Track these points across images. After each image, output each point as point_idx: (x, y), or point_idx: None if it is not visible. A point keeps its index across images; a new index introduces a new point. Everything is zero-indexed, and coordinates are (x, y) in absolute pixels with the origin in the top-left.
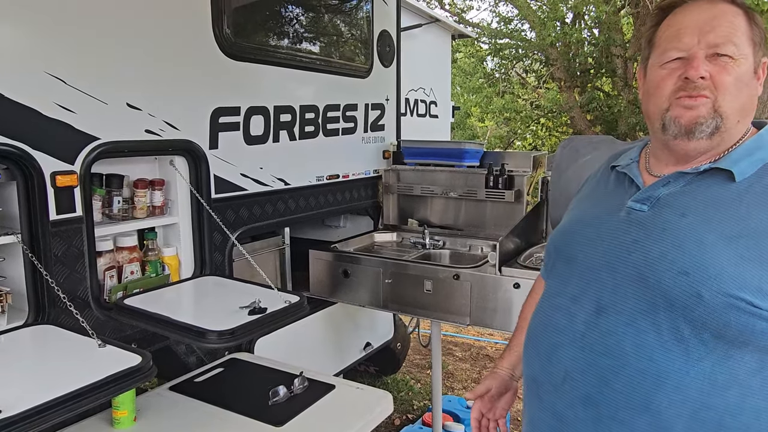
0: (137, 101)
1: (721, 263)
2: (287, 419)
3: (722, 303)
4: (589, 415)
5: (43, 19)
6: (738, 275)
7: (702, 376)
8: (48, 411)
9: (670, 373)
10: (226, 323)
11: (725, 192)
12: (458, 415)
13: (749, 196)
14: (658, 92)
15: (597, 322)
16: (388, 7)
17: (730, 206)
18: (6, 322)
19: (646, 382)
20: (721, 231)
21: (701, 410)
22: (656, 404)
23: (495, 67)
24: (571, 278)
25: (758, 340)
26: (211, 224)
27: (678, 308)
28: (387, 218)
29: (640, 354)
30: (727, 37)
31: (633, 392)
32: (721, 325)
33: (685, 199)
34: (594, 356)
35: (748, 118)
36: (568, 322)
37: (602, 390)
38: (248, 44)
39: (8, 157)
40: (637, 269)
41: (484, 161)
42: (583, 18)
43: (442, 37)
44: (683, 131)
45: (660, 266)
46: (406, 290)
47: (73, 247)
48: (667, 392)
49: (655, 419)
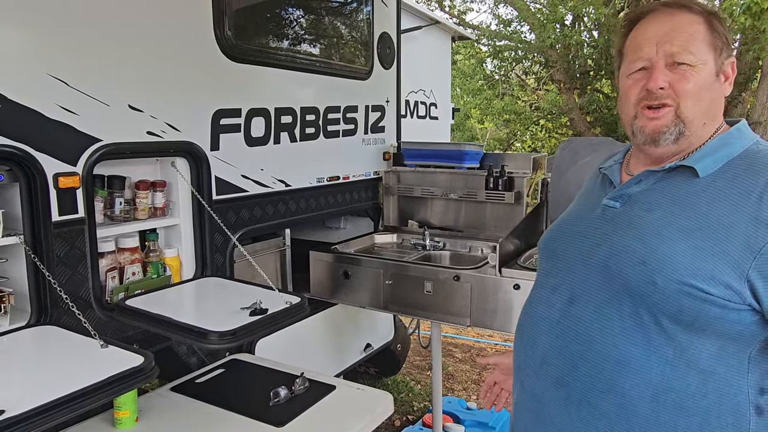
0: (139, 103)
1: (676, 254)
2: (288, 420)
3: (675, 290)
4: (561, 396)
5: (45, 22)
6: (691, 265)
7: (664, 361)
8: (50, 411)
9: (632, 358)
10: (228, 324)
11: (689, 188)
12: (458, 416)
13: (710, 191)
14: (626, 101)
15: (569, 311)
16: (388, 10)
17: (691, 201)
18: (8, 323)
19: (609, 365)
20: (680, 224)
21: (663, 393)
22: (620, 386)
23: (494, 68)
24: (552, 271)
25: (715, 327)
26: (212, 225)
27: (637, 296)
28: (387, 220)
29: (604, 339)
30: (684, 46)
31: (598, 375)
32: (676, 310)
33: (653, 195)
34: (566, 342)
35: (716, 119)
36: (547, 312)
37: (572, 373)
38: (249, 46)
39: (11, 158)
40: (603, 261)
41: (484, 163)
42: (583, 20)
43: (442, 39)
44: (649, 139)
45: (622, 257)
46: (407, 291)
47: (75, 248)
48: (630, 375)
49: (620, 400)
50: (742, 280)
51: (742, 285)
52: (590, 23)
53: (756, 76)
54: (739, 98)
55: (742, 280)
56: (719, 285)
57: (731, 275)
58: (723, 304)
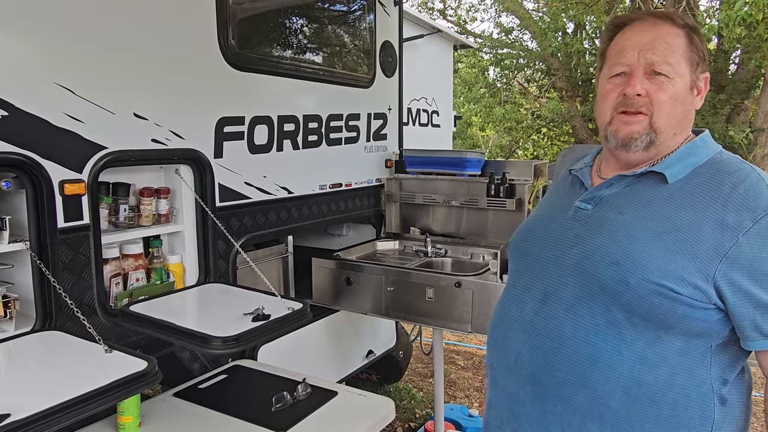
0: (144, 111)
1: (648, 255)
2: (290, 425)
3: (647, 289)
4: (536, 392)
5: (52, 31)
6: (662, 266)
7: (634, 356)
8: (54, 415)
9: (604, 353)
10: (230, 330)
11: (658, 193)
12: (460, 423)
13: (679, 196)
14: (603, 105)
15: (543, 309)
16: (391, 18)
17: (661, 205)
18: (14, 328)
19: (582, 361)
20: (651, 227)
21: (634, 387)
22: (592, 381)
23: (496, 76)
24: (524, 271)
25: (682, 324)
26: (215, 232)
27: (609, 294)
28: (389, 226)
29: (577, 336)
30: (664, 57)
31: (572, 371)
32: (647, 308)
33: (624, 199)
34: (539, 339)
35: (685, 130)
36: (519, 310)
37: (546, 369)
38: (253, 55)
39: (18, 165)
40: (577, 260)
41: (485, 170)
42: (584, 28)
43: (444, 47)
44: (620, 144)
45: (596, 257)
46: (408, 298)
47: (80, 254)
48: (602, 370)
49: (593, 395)
50: (709, 282)
51: (708, 286)
52: (592, 31)
53: (758, 84)
54: (741, 106)
55: (709, 282)
56: (688, 285)
57: (699, 277)
58: (690, 303)
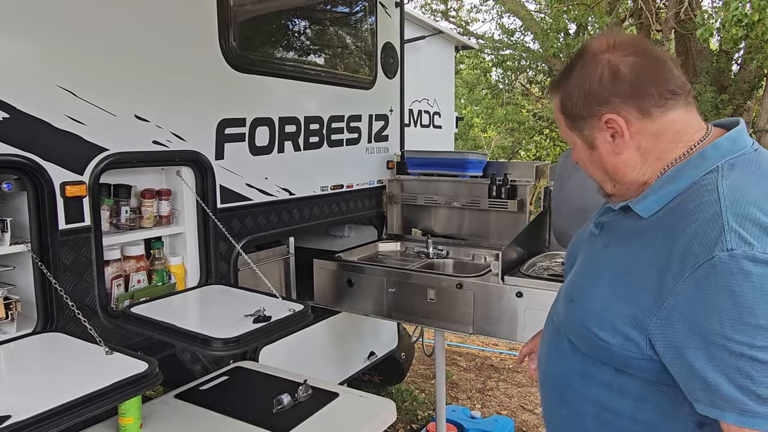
0: (145, 113)
1: (594, 299)
2: (291, 427)
3: (581, 332)
4: (544, 397)
5: (54, 33)
6: (600, 312)
7: (600, 384)
8: (55, 417)
9: (573, 377)
10: (231, 331)
11: (634, 227)
12: (462, 425)
13: (648, 232)
14: None
15: (549, 332)
16: (392, 20)
17: (630, 242)
18: (15, 330)
19: (559, 381)
20: (614, 267)
21: (602, 411)
22: (569, 400)
23: (498, 78)
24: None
25: (630, 368)
26: (216, 234)
27: (564, 328)
28: (391, 228)
29: (554, 359)
30: (562, 134)
31: (555, 387)
32: (588, 348)
33: (613, 230)
34: (544, 359)
35: (656, 162)
36: (545, 329)
37: (544, 381)
38: (254, 57)
39: (19, 167)
40: (565, 288)
41: (487, 171)
42: (586, 29)
43: (446, 48)
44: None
45: (568, 290)
46: (410, 299)
47: (81, 256)
48: (573, 392)
49: (571, 412)
50: (643, 334)
51: (642, 338)
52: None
53: (761, 85)
54: (744, 107)
55: (642, 334)
56: (618, 336)
57: (633, 326)
58: (622, 353)
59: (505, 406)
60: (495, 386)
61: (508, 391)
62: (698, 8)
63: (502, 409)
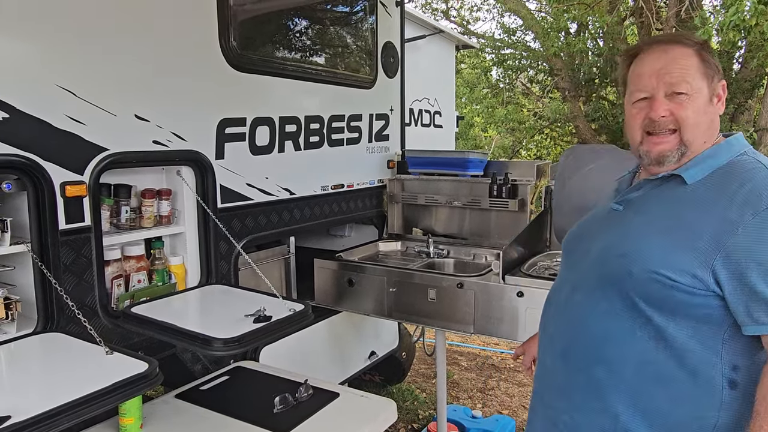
0: (145, 113)
1: (651, 248)
2: (292, 427)
3: (646, 278)
4: (565, 366)
5: (53, 33)
6: (663, 257)
7: (646, 337)
8: (56, 417)
9: (617, 333)
10: (232, 331)
11: (676, 193)
12: (463, 424)
13: (692, 196)
14: (631, 128)
15: (572, 296)
16: (392, 19)
17: (674, 205)
18: (15, 330)
19: (598, 340)
20: (660, 225)
21: (644, 365)
22: (608, 357)
23: (499, 77)
24: (567, 265)
25: (684, 309)
26: (217, 233)
27: (617, 282)
28: (391, 227)
29: (592, 318)
30: (681, 77)
31: (590, 348)
32: (646, 295)
33: (647, 200)
34: (567, 321)
35: (713, 136)
36: (557, 297)
37: (571, 347)
38: (254, 56)
39: (19, 167)
40: (597, 253)
41: (487, 170)
42: (587, 28)
43: (446, 47)
44: (654, 161)
45: (609, 251)
46: (411, 299)
47: (81, 256)
48: (615, 348)
49: (609, 368)
50: (708, 271)
51: (707, 275)
52: (595, 31)
53: (762, 83)
54: (745, 105)
55: (707, 271)
56: (686, 275)
57: (698, 266)
58: (689, 291)
59: (506, 406)
60: (496, 386)
61: (509, 391)
62: (699, 7)
63: (503, 409)
